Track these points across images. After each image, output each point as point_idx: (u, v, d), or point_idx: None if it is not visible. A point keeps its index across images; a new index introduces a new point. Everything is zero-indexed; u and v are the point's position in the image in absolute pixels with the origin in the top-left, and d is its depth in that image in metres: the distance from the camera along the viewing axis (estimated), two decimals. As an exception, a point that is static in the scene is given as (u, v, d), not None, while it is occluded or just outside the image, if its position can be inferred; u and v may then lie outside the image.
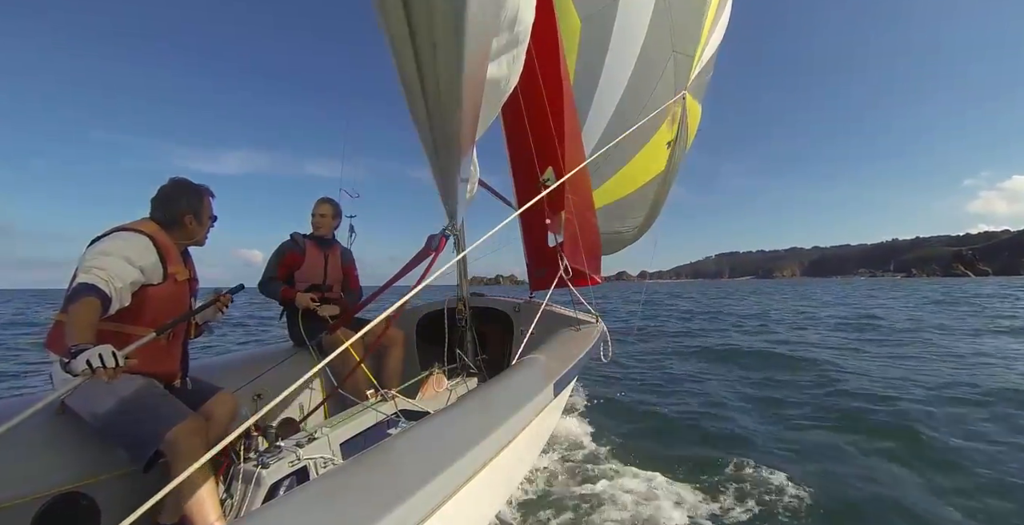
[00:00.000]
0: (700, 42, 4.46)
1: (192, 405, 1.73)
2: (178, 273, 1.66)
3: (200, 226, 1.78)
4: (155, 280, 1.58)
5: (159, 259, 1.59)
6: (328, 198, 2.86)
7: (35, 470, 1.43)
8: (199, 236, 1.81)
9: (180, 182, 1.76)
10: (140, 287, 1.54)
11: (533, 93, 2.76)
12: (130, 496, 1.56)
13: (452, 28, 0.89)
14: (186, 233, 1.74)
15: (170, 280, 1.63)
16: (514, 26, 1.18)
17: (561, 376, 1.89)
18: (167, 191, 1.73)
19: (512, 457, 1.73)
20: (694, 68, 4.59)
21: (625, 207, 5.29)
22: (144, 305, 1.56)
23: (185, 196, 1.73)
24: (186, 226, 1.73)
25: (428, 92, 1.08)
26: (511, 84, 1.43)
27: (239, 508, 1.47)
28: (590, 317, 3.46)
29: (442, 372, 2.77)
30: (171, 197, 1.72)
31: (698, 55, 4.53)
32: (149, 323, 1.58)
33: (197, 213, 1.75)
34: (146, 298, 1.56)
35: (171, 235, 1.69)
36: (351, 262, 3.00)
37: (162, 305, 1.62)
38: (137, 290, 1.54)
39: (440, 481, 0.97)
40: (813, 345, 7.85)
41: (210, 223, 1.84)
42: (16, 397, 1.83)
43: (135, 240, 1.55)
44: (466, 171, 1.75)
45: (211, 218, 1.83)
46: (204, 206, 1.78)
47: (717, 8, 4.56)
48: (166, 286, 1.62)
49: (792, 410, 4.03)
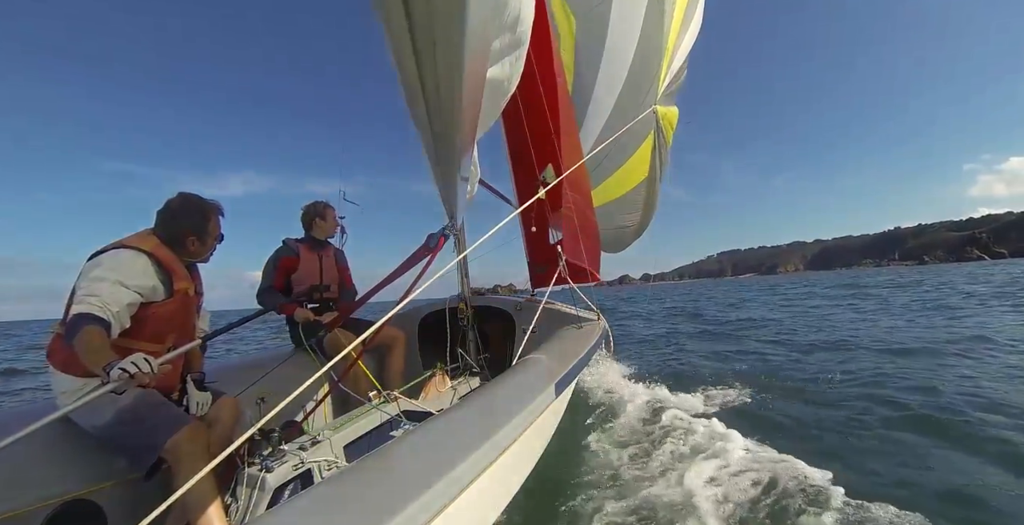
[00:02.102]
0: (664, 56, 4.45)
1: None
2: (188, 288, 1.63)
3: (203, 247, 1.72)
4: (158, 298, 1.56)
5: (161, 278, 1.55)
6: (327, 203, 2.90)
7: (42, 478, 1.43)
8: (202, 255, 1.76)
9: (188, 199, 1.68)
10: (142, 306, 1.52)
11: (531, 91, 2.75)
12: (136, 502, 1.56)
13: (452, 27, 0.88)
14: (188, 253, 1.69)
15: (178, 296, 1.60)
16: (516, 27, 1.17)
17: (563, 376, 1.89)
18: (173, 208, 1.66)
19: (515, 458, 1.72)
20: (661, 83, 4.59)
21: (625, 204, 5.31)
22: (148, 322, 1.54)
23: (190, 216, 1.66)
24: (188, 247, 1.68)
25: (428, 91, 1.07)
26: (513, 84, 1.42)
27: (244, 512, 1.46)
28: (591, 314, 3.46)
29: (444, 372, 2.77)
30: (176, 216, 1.65)
31: (664, 68, 4.52)
32: (152, 339, 1.57)
33: (200, 234, 1.68)
34: (150, 315, 1.53)
35: (174, 251, 1.65)
36: (344, 262, 3.03)
37: (166, 321, 1.61)
38: (140, 308, 1.52)
39: (443, 485, 0.97)
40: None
41: (216, 243, 1.78)
42: (21, 407, 1.83)
43: (131, 261, 1.50)
44: (466, 170, 1.75)
45: (217, 237, 1.76)
46: (210, 227, 1.71)
47: (683, 19, 4.54)
48: (174, 302, 1.59)
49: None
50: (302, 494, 0.96)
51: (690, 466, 2.48)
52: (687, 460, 2.60)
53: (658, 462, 2.64)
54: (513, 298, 3.74)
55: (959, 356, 5.21)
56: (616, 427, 3.30)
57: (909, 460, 2.65)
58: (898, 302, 13.17)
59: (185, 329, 1.72)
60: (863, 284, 27.70)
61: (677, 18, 4.40)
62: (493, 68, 1.20)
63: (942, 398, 3.66)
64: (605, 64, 4.46)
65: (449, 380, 2.74)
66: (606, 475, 2.60)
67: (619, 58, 4.43)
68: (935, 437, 2.94)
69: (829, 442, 2.96)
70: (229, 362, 2.89)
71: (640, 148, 4.85)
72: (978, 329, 7.00)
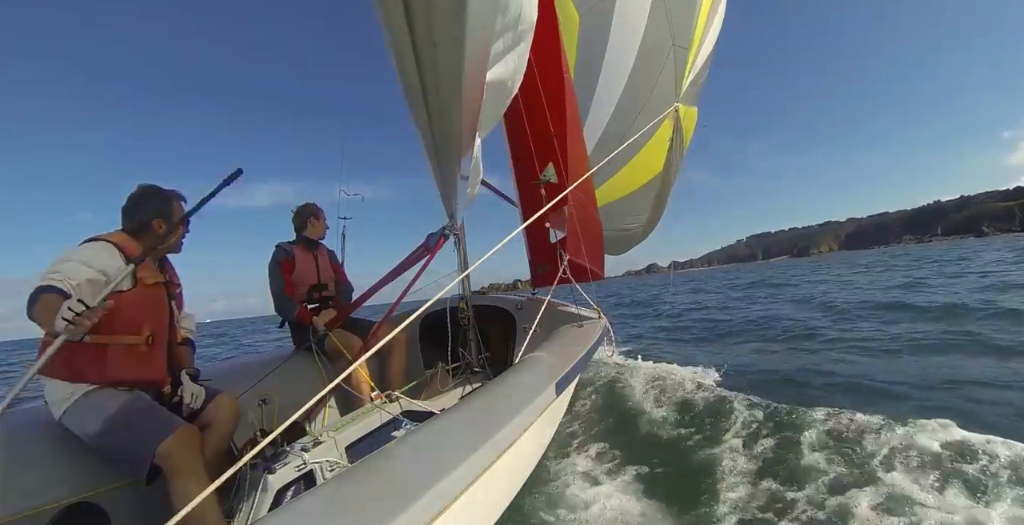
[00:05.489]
0: (693, 44, 4.42)
1: (193, 410, 1.73)
2: (146, 277, 1.64)
3: (171, 230, 1.75)
4: (123, 286, 1.57)
5: (125, 264, 1.58)
6: (312, 204, 2.93)
7: (45, 481, 1.44)
8: (172, 241, 1.80)
9: (147, 188, 1.76)
10: (109, 295, 1.52)
11: (534, 90, 2.74)
12: (139, 505, 1.57)
13: (452, 27, 0.87)
14: (157, 237, 1.72)
15: (139, 285, 1.61)
16: (518, 25, 1.16)
17: (563, 375, 1.89)
18: (135, 198, 1.73)
19: (516, 458, 1.73)
20: (687, 74, 4.56)
21: (629, 205, 5.29)
22: (117, 312, 1.53)
23: (152, 201, 1.73)
24: (156, 230, 1.72)
25: (428, 92, 1.07)
26: (516, 83, 1.41)
27: (247, 514, 1.47)
28: (592, 313, 3.46)
29: (446, 372, 2.77)
30: (139, 203, 1.72)
31: (691, 58, 4.49)
32: (126, 330, 1.56)
33: (167, 217, 1.74)
34: (117, 305, 1.53)
35: (142, 242, 1.68)
36: (337, 261, 3.07)
37: (137, 310, 1.60)
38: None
39: (445, 485, 0.98)
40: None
41: (184, 229, 1.82)
42: (20, 412, 1.83)
43: (95, 246, 1.56)
44: (466, 170, 1.74)
45: (184, 224, 1.81)
46: (173, 210, 1.77)
47: (711, 8, 4.51)
48: (137, 291, 1.61)
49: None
50: (305, 495, 0.97)
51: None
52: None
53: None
54: (514, 297, 3.74)
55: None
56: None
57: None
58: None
59: (159, 319, 1.70)
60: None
61: (704, 9, 4.38)
62: (495, 67, 1.20)
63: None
64: (609, 62, 4.44)
65: (450, 380, 2.74)
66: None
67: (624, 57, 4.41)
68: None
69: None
70: (230, 363, 2.89)
71: (645, 147, 4.82)
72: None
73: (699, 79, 4.95)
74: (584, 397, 3.95)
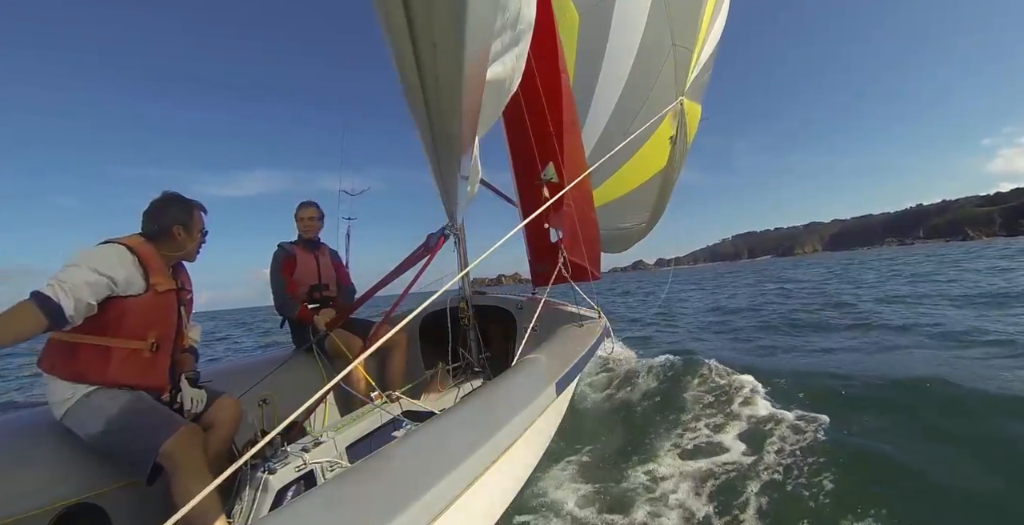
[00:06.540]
0: (698, 39, 4.41)
1: (195, 414, 1.73)
2: (159, 284, 1.64)
3: (190, 239, 1.78)
4: (133, 291, 1.57)
5: (139, 270, 1.58)
6: (312, 201, 2.90)
7: (46, 482, 1.43)
8: (189, 249, 1.81)
9: (171, 196, 1.79)
10: (117, 298, 1.53)
11: (532, 90, 2.74)
12: (140, 506, 1.57)
13: (452, 27, 0.87)
14: (175, 245, 1.74)
15: (151, 291, 1.61)
16: (517, 24, 1.16)
17: (563, 375, 1.89)
18: (157, 204, 1.76)
19: (516, 458, 1.73)
20: (692, 69, 4.54)
21: (628, 204, 5.27)
22: (124, 316, 1.54)
23: (174, 208, 1.75)
24: (175, 238, 1.73)
25: (428, 92, 1.07)
26: (515, 83, 1.41)
27: (248, 514, 1.47)
28: (592, 313, 3.46)
29: (446, 372, 2.77)
30: (161, 209, 1.74)
31: (696, 53, 4.48)
32: (132, 334, 1.57)
33: (186, 225, 1.76)
34: (126, 309, 1.55)
35: (159, 247, 1.70)
36: (339, 260, 3.06)
37: (145, 316, 1.61)
38: (114, 301, 1.52)
39: (446, 485, 0.98)
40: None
41: (201, 238, 1.84)
42: (20, 413, 1.83)
43: (109, 250, 1.55)
44: (466, 170, 1.74)
45: (202, 233, 1.84)
46: (194, 219, 1.79)
47: (714, 7, 4.50)
48: (148, 297, 1.60)
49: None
50: (305, 495, 0.97)
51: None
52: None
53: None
54: (514, 297, 3.74)
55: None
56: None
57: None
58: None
59: (167, 326, 1.71)
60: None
61: (708, 8, 4.36)
62: (494, 67, 1.19)
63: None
64: (609, 61, 4.43)
65: (451, 380, 2.74)
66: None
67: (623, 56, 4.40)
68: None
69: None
70: (230, 364, 2.89)
71: (645, 145, 4.80)
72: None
73: (703, 76, 4.93)
74: (587, 396, 3.96)
